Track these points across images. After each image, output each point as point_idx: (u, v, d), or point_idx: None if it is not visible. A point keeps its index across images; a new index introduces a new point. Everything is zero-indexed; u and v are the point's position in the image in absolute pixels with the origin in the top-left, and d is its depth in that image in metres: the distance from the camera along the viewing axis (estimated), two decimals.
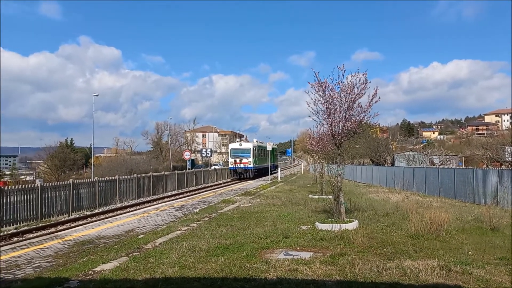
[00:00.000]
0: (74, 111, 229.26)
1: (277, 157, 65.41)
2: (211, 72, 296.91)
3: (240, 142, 47.61)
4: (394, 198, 17.58)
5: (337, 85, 10.07)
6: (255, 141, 51.46)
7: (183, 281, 5.88)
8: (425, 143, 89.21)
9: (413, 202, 14.53)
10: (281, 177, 40.14)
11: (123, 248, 8.65)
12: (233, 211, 14.36)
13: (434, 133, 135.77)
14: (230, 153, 43.78)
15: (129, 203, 22.16)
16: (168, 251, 7.83)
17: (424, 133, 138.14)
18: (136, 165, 57.07)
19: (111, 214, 18.33)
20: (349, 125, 10.12)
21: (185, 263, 6.87)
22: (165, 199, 24.54)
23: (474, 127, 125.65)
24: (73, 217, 17.41)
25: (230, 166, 43.22)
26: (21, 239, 12.44)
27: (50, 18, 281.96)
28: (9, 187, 17.07)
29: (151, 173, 29.28)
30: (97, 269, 6.73)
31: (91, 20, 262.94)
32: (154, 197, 25.63)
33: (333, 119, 10.16)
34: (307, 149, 29.97)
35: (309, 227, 10.28)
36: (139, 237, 10.23)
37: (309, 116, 10.64)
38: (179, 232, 10.33)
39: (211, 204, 18.16)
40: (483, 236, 8.83)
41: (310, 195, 19.12)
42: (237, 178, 41.91)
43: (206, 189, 31.56)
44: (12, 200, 14.91)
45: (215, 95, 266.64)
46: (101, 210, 19.65)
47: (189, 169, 39.28)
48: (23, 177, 70.83)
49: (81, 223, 15.53)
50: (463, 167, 42.23)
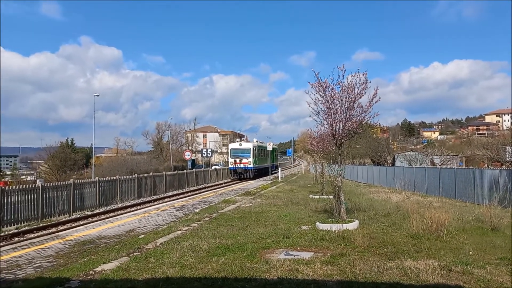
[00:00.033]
0: (74, 111, 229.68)
1: (277, 157, 65.33)
2: (211, 72, 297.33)
3: (240, 142, 47.44)
4: (394, 198, 17.58)
5: (337, 85, 10.10)
6: (255, 141, 51.42)
7: (184, 281, 5.89)
8: (425, 143, 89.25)
9: (414, 202, 14.54)
10: (281, 177, 40.14)
11: (124, 248, 8.66)
12: (234, 211, 14.37)
13: (434, 133, 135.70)
14: (230, 153, 43.70)
15: (130, 203, 22.18)
16: (168, 251, 7.84)
17: (424, 133, 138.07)
18: (136, 165, 57.07)
19: (112, 214, 18.35)
20: (349, 125, 10.13)
21: (185, 263, 6.87)
22: (166, 199, 24.56)
23: (474, 127, 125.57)
24: (74, 217, 17.44)
25: (230, 166, 43.13)
26: (22, 239, 12.45)
27: (50, 18, 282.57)
28: (10, 187, 17.08)
29: (151, 173, 29.33)
30: (98, 269, 6.74)
31: (91, 20, 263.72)
32: (154, 197, 25.65)
33: (333, 119, 10.17)
34: (308, 149, 29.99)
35: (310, 227, 10.28)
36: (140, 237, 10.24)
37: (310, 116, 10.68)
38: (180, 232, 10.34)
39: (211, 204, 18.17)
40: (484, 236, 8.83)
41: (310, 195, 19.12)
42: (237, 178, 41.78)
43: (206, 189, 31.58)
44: (13, 200, 14.93)
45: (216, 95, 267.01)
46: (101, 210, 19.67)
47: (189, 169, 39.33)
48: (24, 177, 70.83)
49: (82, 223, 15.55)
50: (464, 167, 42.20)
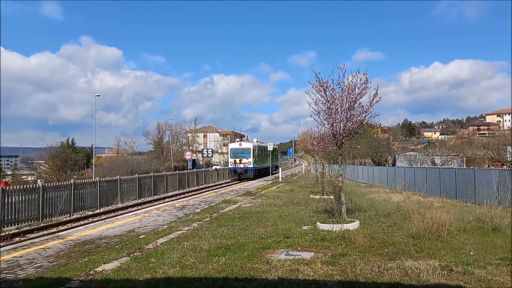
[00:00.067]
0: (75, 111, 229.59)
1: (277, 157, 65.27)
2: (212, 72, 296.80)
3: (239, 142, 47.30)
4: (395, 198, 17.58)
5: (337, 85, 10.10)
6: (255, 141, 51.37)
7: (185, 281, 5.89)
8: (426, 143, 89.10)
9: (415, 202, 14.53)
10: (282, 177, 40.13)
11: (125, 248, 8.67)
12: (234, 211, 14.37)
13: (435, 133, 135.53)
14: (229, 153, 43.55)
15: (131, 203, 22.19)
16: (169, 251, 7.84)
17: (425, 133, 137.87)
18: (137, 165, 57.04)
19: (112, 214, 18.36)
20: (350, 125, 10.13)
21: (186, 263, 6.87)
22: (166, 199, 24.57)
23: (475, 127, 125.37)
24: (74, 217, 17.45)
25: (229, 166, 42.97)
26: (23, 239, 12.46)
27: (51, 18, 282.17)
28: (11, 187, 17.10)
29: (152, 173, 29.33)
30: (99, 269, 6.74)
31: (92, 20, 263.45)
32: (155, 197, 25.66)
33: (334, 119, 10.18)
34: (308, 149, 29.99)
35: (310, 227, 10.28)
36: (141, 237, 10.25)
37: (311, 116, 10.69)
38: (180, 232, 10.34)
39: (212, 204, 18.17)
40: (485, 236, 8.82)
41: (311, 195, 19.12)
42: (237, 178, 41.61)
43: (207, 189, 31.58)
44: (13, 200, 14.94)
45: (216, 95, 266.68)
46: (102, 210, 19.69)
47: (190, 169, 39.34)
48: (25, 177, 70.84)
49: (83, 223, 15.57)
50: (465, 167, 42.16)
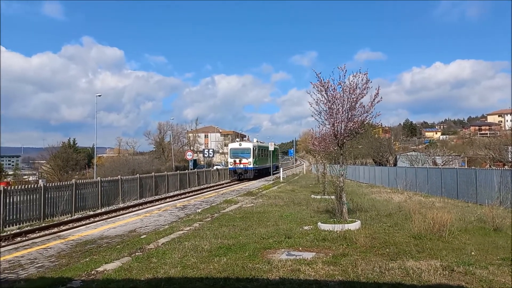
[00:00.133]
0: (76, 111, 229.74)
1: (278, 157, 65.09)
2: (213, 72, 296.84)
3: (239, 142, 47.05)
4: (396, 198, 17.57)
5: (338, 85, 10.10)
6: (255, 141, 51.26)
7: (186, 281, 5.89)
8: (427, 143, 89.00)
9: (416, 202, 14.51)
10: (283, 177, 40.11)
11: (126, 248, 8.67)
12: (236, 211, 14.37)
13: (436, 133, 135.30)
14: (229, 153, 43.37)
15: (132, 203, 22.21)
16: (170, 251, 7.85)
17: (426, 133, 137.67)
18: (138, 165, 57.09)
19: (113, 214, 18.37)
20: (351, 125, 10.12)
21: (187, 263, 6.88)
22: (168, 199, 24.58)
23: (476, 127, 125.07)
24: (75, 217, 17.48)
25: (229, 166, 42.77)
26: (24, 239, 12.48)
27: (52, 18, 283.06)
28: (12, 187, 17.12)
29: (153, 173, 29.34)
30: (100, 269, 6.75)
31: (93, 20, 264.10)
32: (156, 197, 25.68)
33: (335, 119, 10.18)
34: (309, 149, 29.93)
35: (312, 227, 10.28)
36: (142, 237, 10.25)
37: (312, 116, 10.69)
38: (182, 232, 10.35)
39: (213, 204, 18.17)
40: (486, 236, 8.81)
41: (312, 195, 19.11)
42: (237, 179, 41.37)
43: (208, 189, 31.59)
44: (15, 200, 14.97)
45: (218, 95, 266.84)
46: (103, 210, 19.71)
47: (191, 169, 39.33)
48: (26, 177, 70.92)
49: (84, 223, 15.58)
50: (466, 167, 42.10)
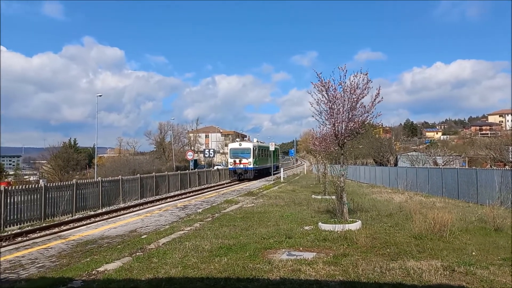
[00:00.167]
0: (77, 111, 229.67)
1: (278, 157, 64.98)
2: (214, 72, 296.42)
3: (239, 141, 46.86)
4: (397, 198, 17.56)
5: (339, 85, 10.09)
6: (255, 140, 51.16)
7: (186, 281, 5.89)
8: (428, 143, 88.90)
9: (417, 202, 14.51)
10: (284, 178, 40.09)
11: (126, 248, 8.67)
12: (236, 212, 14.37)
13: (437, 133, 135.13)
14: (229, 153, 43.24)
15: (132, 203, 22.22)
16: (171, 251, 7.85)
17: (427, 133, 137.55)
18: (139, 165, 57.12)
19: (114, 214, 18.38)
20: (352, 125, 10.11)
21: (188, 263, 6.88)
22: (168, 199, 24.59)
23: (477, 127, 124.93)
24: (76, 217, 17.49)
25: (229, 166, 42.67)
26: (25, 239, 12.50)
27: (53, 18, 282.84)
28: (13, 187, 17.14)
29: (154, 173, 29.35)
30: (101, 269, 6.75)
31: (94, 20, 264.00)
32: (157, 197, 25.69)
33: (336, 119, 10.17)
34: (310, 149, 29.94)
35: (312, 227, 10.27)
36: (142, 237, 10.26)
37: (312, 116, 10.68)
38: (182, 232, 10.35)
39: (214, 204, 18.18)
40: (487, 236, 8.81)
41: (313, 196, 19.10)
42: (237, 179, 41.21)
43: (209, 190, 31.59)
44: (15, 200, 14.98)
45: (218, 95, 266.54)
46: (104, 210, 19.72)
47: (192, 170, 39.33)
48: (27, 177, 70.94)
49: (85, 223, 15.60)
50: (467, 167, 42.06)
